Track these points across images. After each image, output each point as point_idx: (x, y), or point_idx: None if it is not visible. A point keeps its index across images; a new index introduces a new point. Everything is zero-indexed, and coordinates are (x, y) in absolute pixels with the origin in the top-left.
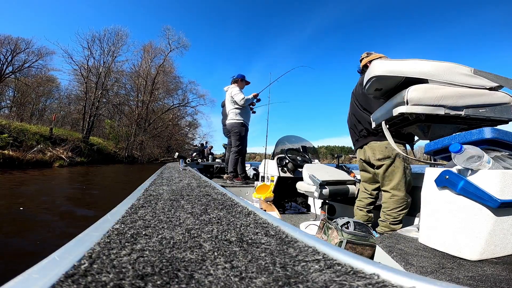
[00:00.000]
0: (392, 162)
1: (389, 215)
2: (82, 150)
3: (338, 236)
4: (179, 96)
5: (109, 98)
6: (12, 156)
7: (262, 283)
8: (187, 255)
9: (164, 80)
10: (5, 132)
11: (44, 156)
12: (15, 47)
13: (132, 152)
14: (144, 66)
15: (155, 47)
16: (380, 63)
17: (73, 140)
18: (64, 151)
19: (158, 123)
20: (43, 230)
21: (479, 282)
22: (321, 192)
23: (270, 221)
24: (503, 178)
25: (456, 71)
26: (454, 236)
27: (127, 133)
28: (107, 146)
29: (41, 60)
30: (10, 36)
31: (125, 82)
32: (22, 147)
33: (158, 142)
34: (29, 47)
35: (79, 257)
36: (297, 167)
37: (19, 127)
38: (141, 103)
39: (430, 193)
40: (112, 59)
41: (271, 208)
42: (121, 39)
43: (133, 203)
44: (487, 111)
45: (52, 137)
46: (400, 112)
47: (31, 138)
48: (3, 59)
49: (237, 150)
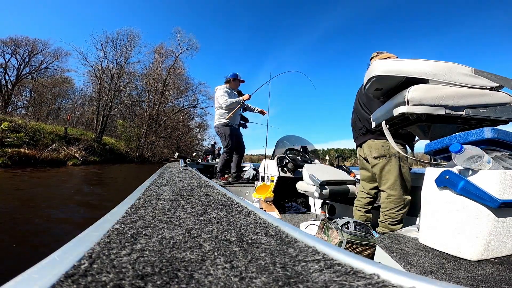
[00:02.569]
0: (388, 161)
1: (387, 215)
2: (95, 149)
3: (338, 236)
4: (189, 97)
5: (122, 99)
6: (28, 154)
7: (262, 283)
8: (187, 255)
9: (174, 82)
10: (21, 131)
11: (58, 155)
12: (32, 48)
13: (143, 152)
14: (155, 67)
15: (166, 48)
16: (381, 62)
17: (86, 139)
18: (78, 150)
19: (169, 124)
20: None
21: (479, 282)
22: (321, 192)
23: (270, 221)
24: (503, 178)
25: (456, 71)
26: (454, 236)
27: (139, 134)
28: (119, 146)
29: (57, 61)
30: (27, 37)
31: (137, 83)
32: (38, 145)
33: (169, 142)
34: (46, 48)
35: (79, 257)
36: (297, 167)
37: (35, 126)
38: (152, 104)
39: (430, 193)
40: (124, 61)
41: (271, 208)
42: (133, 41)
43: (133, 203)
44: (488, 111)
45: (67, 137)
46: (401, 112)
47: (47, 137)
48: (20, 60)
49: (225, 150)
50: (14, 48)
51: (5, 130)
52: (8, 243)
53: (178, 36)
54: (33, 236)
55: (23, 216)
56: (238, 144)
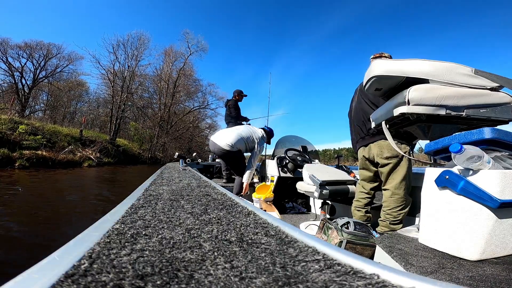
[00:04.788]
0: (399, 161)
1: (389, 214)
2: (109, 151)
3: (338, 236)
4: (199, 98)
5: (134, 101)
6: (45, 156)
7: (262, 283)
8: (187, 255)
9: (184, 83)
10: (39, 134)
11: (74, 157)
12: (47, 52)
13: (155, 153)
14: (165, 69)
15: (175, 50)
16: (381, 62)
17: (101, 141)
18: (93, 152)
19: (180, 125)
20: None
21: (479, 282)
22: (321, 192)
23: (270, 221)
24: (503, 178)
25: (457, 71)
26: (454, 236)
27: (151, 135)
28: (131, 147)
29: (71, 64)
30: (41, 41)
31: (148, 86)
32: (55, 148)
33: (180, 143)
34: (60, 52)
35: (79, 257)
36: (297, 167)
37: (52, 129)
38: (163, 106)
39: (430, 193)
40: (135, 63)
41: (271, 208)
42: (143, 44)
43: (133, 203)
44: (488, 111)
45: (82, 139)
46: (401, 112)
47: (63, 140)
48: (36, 64)
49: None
50: (29, 53)
51: (22, 133)
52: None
53: (187, 38)
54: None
55: (46, 214)
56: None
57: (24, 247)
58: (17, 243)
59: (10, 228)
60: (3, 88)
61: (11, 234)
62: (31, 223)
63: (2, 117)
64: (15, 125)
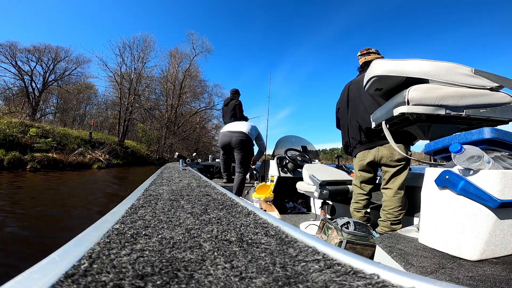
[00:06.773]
0: (406, 163)
1: (391, 213)
2: (118, 152)
3: (338, 236)
4: (205, 99)
5: (141, 103)
6: (56, 158)
7: (262, 283)
8: (187, 255)
9: (190, 84)
10: (49, 137)
11: (84, 159)
12: (56, 55)
13: (163, 154)
14: (171, 71)
15: (180, 52)
16: (381, 62)
17: (110, 143)
18: (102, 154)
19: (187, 126)
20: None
21: (479, 282)
22: (321, 192)
23: (270, 221)
24: (503, 178)
25: (456, 71)
26: (454, 236)
27: (158, 136)
28: (140, 149)
29: (79, 67)
30: (50, 45)
31: (155, 87)
32: (65, 150)
33: (187, 144)
34: (68, 55)
35: (79, 257)
36: (297, 167)
37: (62, 131)
38: (170, 107)
39: (430, 193)
40: (142, 65)
41: (271, 208)
42: (149, 46)
43: (133, 203)
44: (488, 111)
45: (92, 141)
46: (401, 112)
47: (73, 142)
48: (46, 68)
49: (243, 171)
50: (38, 56)
51: (33, 136)
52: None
53: (191, 39)
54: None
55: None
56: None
57: (36, 248)
58: (25, 243)
59: (21, 227)
60: (14, 91)
61: (23, 234)
62: (39, 224)
63: (13, 121)
64: (26, 128)
